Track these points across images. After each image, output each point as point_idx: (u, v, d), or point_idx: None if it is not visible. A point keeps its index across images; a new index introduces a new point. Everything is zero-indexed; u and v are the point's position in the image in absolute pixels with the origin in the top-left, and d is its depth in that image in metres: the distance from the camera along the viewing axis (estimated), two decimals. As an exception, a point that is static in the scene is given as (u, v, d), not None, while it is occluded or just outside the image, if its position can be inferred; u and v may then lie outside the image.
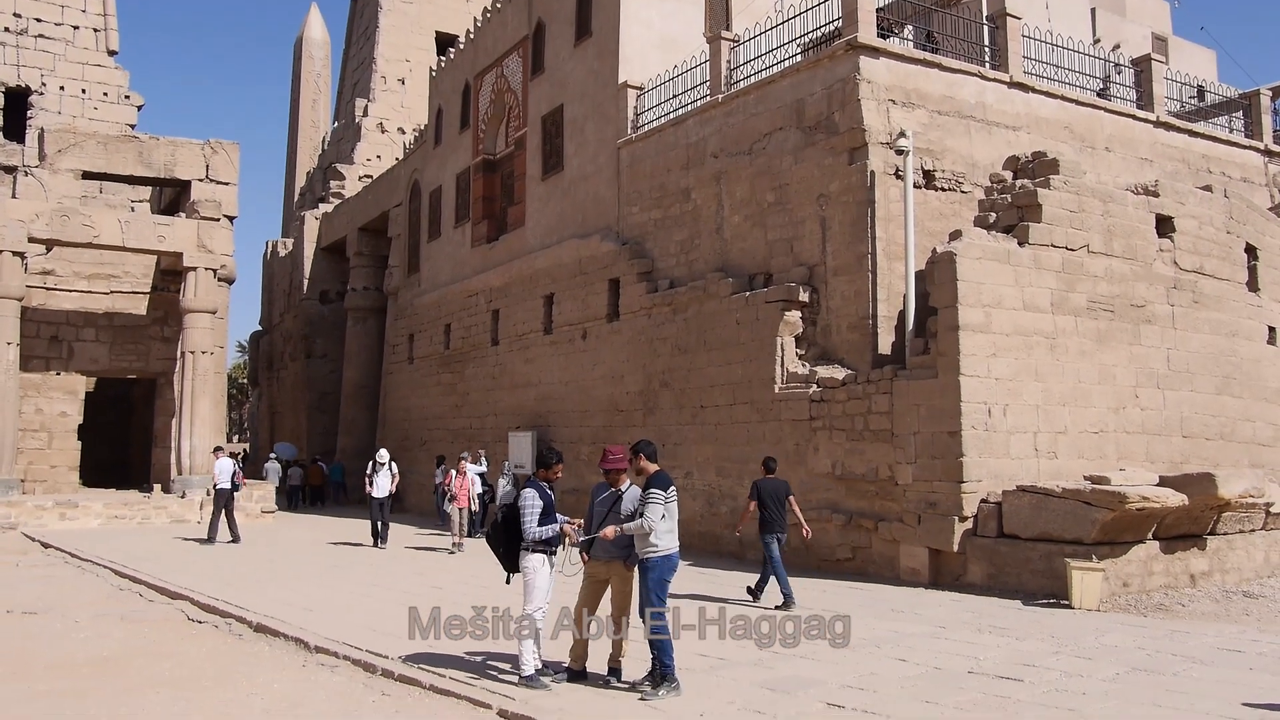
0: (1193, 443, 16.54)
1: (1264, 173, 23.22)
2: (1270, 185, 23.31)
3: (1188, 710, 7.50)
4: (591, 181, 23.58)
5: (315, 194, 46.32)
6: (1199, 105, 24.55)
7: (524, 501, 8.42)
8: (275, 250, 46.29)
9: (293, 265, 42.89)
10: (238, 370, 74.50)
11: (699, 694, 8.04)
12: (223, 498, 21.02)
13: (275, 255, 46.11)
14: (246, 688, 8.83)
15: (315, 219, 41.56)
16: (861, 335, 16.28)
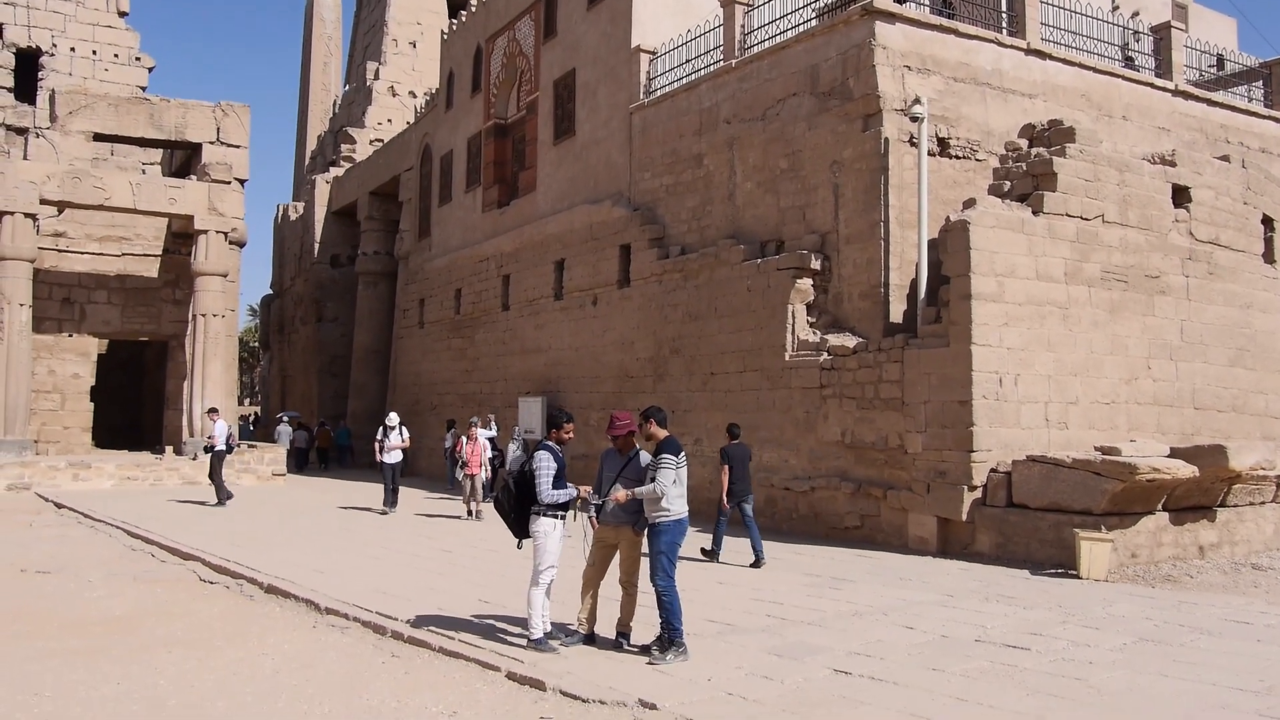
0: (1204, 415, 16.48)
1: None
2: (1288, 156, 23.04)
3: (1194, 681, 7.51)
4: (603, 146, 23.46)
5: (326, 157, 46.22)
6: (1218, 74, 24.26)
7: (538, 463, 8.42)
8: (286, 214, 46.25)
9: (303, 229, 42.87)
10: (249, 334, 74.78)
11: (707, 659, 8.08)
12: (220, 459, 21.01)
13: (286, 219, 46.08)
14: (257, 648, 8.90)
15: (326, 183, 41.48)
16: (873, 303, 16.22)
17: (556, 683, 7.40)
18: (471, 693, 7.41)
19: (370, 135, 42.17)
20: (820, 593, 11.27)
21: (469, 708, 7.03)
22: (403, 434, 20.68)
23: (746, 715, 6.64)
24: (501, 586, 11.40)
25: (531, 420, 23.72)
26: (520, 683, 7.60)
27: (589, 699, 7.06)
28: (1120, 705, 6.87)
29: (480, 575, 12.50)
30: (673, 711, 6.74)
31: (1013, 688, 7.33)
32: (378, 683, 7.70)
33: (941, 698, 7.04)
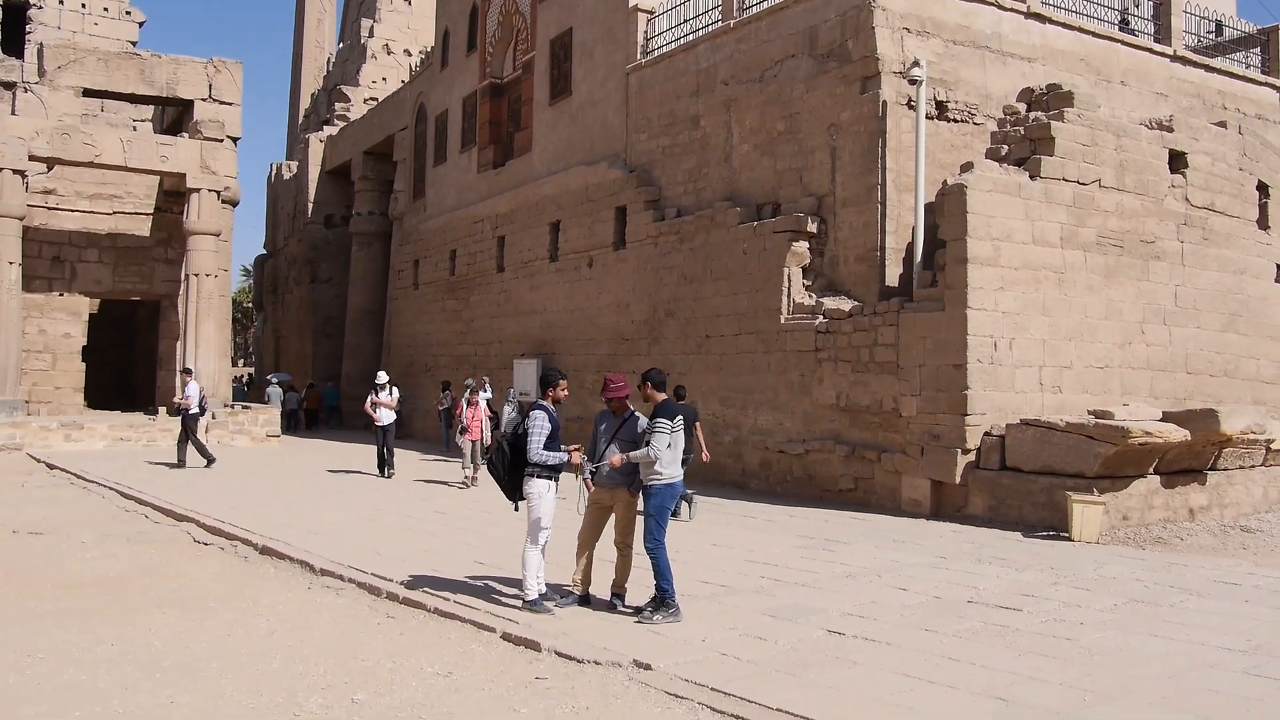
0: (1197, 379, 16.52)
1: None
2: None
3: (1183, 641, 7.58)
4: (600, 107, 23.30)
5: (320, 116, 45.87)
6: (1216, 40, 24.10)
7: (532, 422, 8.41)
8: (279, 173, 45.96)
9: (297, 188, 42.62)
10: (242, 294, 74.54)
11: (701, 620, 8.13)
12: (193, 421, 20.66)
13: (279, 178, 45.79)
14: (252, 609, 8.93)
15: (320, 141, 41.17)
16: (869, 267, 16.19)
17: (551, 643, 7.45)
18: (466, 653, 7.45)
19: (365, 94, 41.84)
20: (814, 554, 11.33)
21: (464, 668, 7.07)
22: (393, 393, 20.25)
23: (740, 675, 6.69)
24: (496, 548, 11.45)
25: (526, 382, 23.72)
26: (515, 643, 7.64)
27: (584, 659, 7.11)
28: (1110, 665, 6.93)
29: (475, 537, 12.55)
30: (667, 672, 6.79)
31: (1004, 648, 7.39)
32: (372, 644, 7.74)
33: (934, 658, 7.10)
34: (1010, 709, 6.01)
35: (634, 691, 6.52)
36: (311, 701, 6.33)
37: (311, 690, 6.56)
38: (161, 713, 6.10)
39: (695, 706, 6.18)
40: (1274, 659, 7.11)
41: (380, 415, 19.73)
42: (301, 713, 6.12)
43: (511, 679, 6.81)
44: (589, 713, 6.12)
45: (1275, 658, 7.14)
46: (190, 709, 6.18)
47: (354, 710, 6.17)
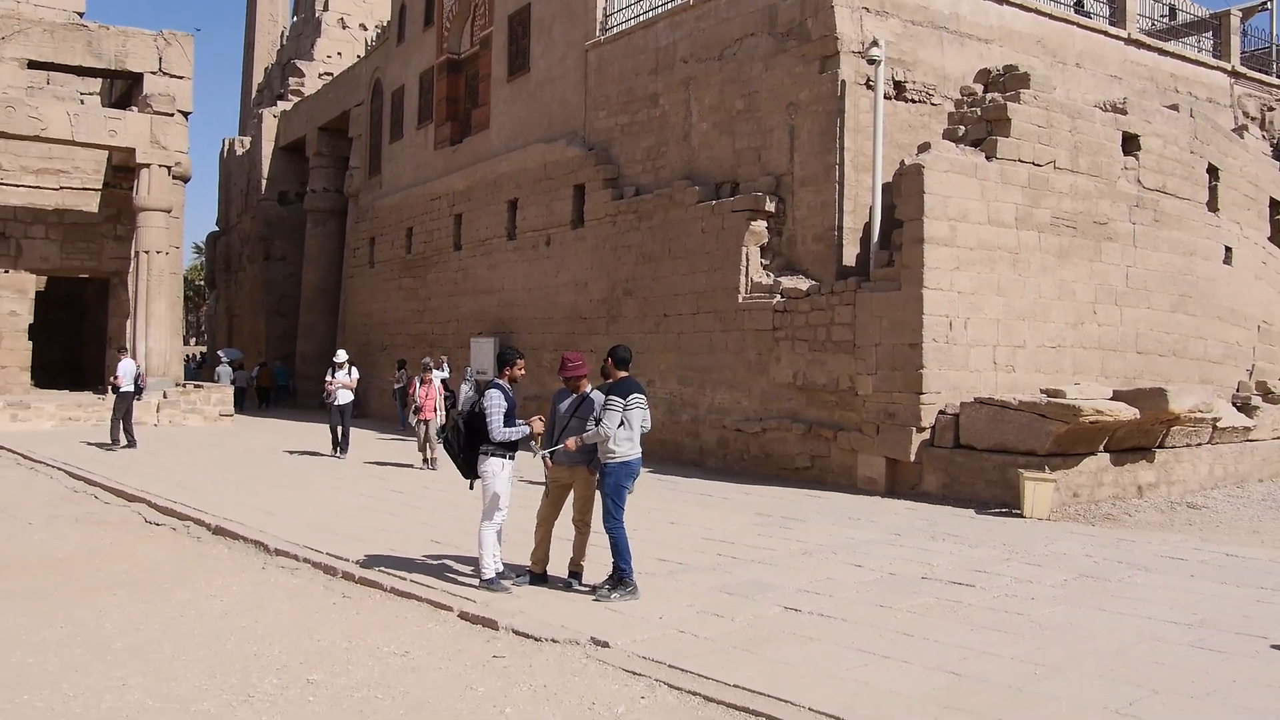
0: (1146, 359, 16.77)
1: (1230, 94, 23.22)
2: (1235, 106, 23.33)
3: (1131, 615, 7.72)
4: (558, 84, 23.15)
5: (274, 91, 45.23)
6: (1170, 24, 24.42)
7: (489, 402, 8.36)
8: (232, 149, 45.29)
9: (250, 165, 42.02)
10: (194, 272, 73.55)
11: (658, 597, 8.16)
12: (126, 400, 20.24)
13: (232, 154, 45.13)
14: (205, 589, 8.84)
15: (274, 117, 40.59)
16: (826, 246, 16.25)
17: (509, 622, 7.44)
18: (423, 632, 7.43)
19: (319, 69, 41.28)
20: (771, 532, 11.40)
21: (421, 647, 7.05)
22: (351, 373, 19.86)
23: (698, 652, 6.72)
24: (453, 527, 11.41)
25: (484, 361, 23.60)
26: (472, 622, 7.63)
27: (541, 638, 7.11)
28: (1060, 639, 7.04)
29: (431, 516, 12.50)
30: (625, 649, 6.81)
31: (957, 623, 7.49)
32: (328, 624, 7.69)
33: (888, 633, 7.18)
34: (963, 683, 6.10)
35: (592, 669, 6.54)
36: (266, 682, 6.28)
37: (266, 671, 6.51)
38: (113, 696, 6.03)
39: (653, 683, 6.21)
40: (1218, 632, 7.26)
41: (337, 395, 19.39)
42: (256, 694, 6.08)
43: (469, 658, 6.80)
44: (546, 690, 6.13)
45: (1219, 631, 7.29)
46: (142, 691, 6.11)
47: (310, 690, 6.14)
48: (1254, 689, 6.02)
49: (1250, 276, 19.07)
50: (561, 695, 6.05)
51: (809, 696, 5.80)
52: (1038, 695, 5.88)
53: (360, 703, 5.93)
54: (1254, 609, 7.95)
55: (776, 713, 5.62)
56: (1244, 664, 6.51)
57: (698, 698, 5.95)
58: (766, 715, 5.61)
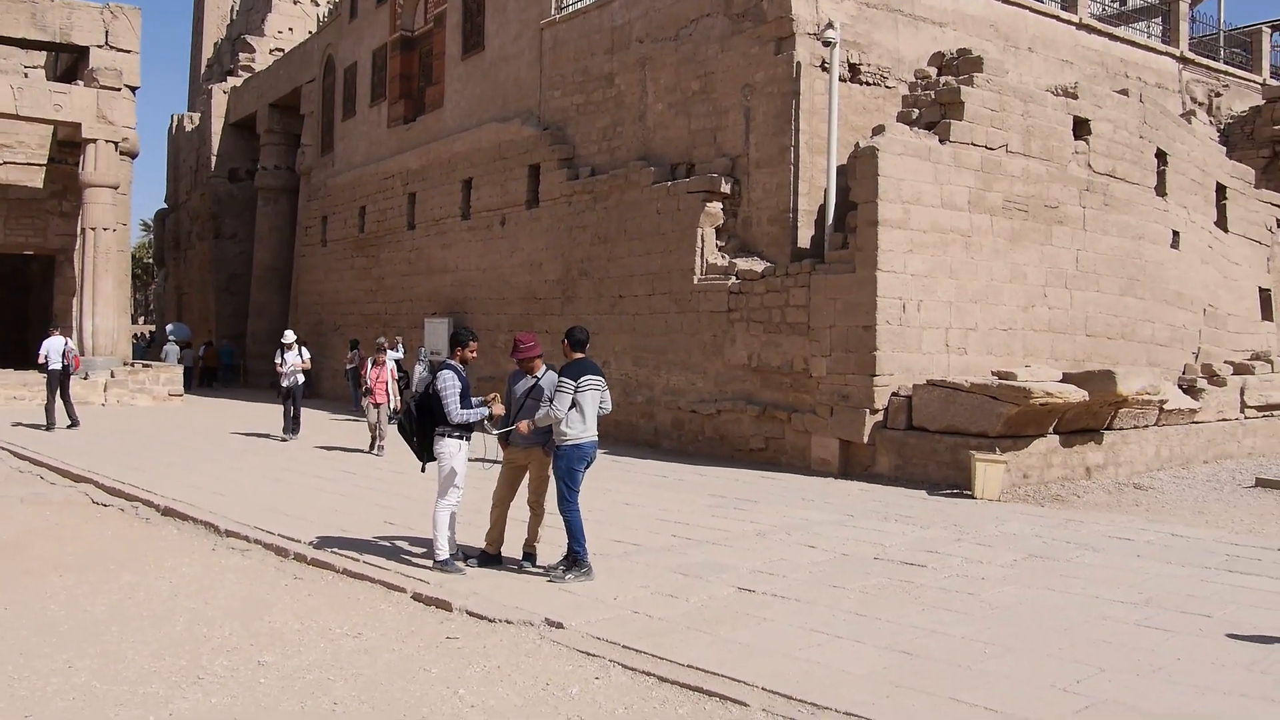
0: (1095, 341, 17.01)
1: (1178, 79, 23.54)
2: (1183, 92, 23.67)
3: (1079, 595, 7.84)
4: (513, 63, 22.96)
5: (223, 66, 44.43)
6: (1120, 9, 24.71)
7: (442, 384, 8.31)
8: (181, 125, 44.52)
9: (200, 141, 41.33)
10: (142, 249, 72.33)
11: (613, 578, 8.16)
12: (54, 379, 19.69)
13: (181, 130, 44.36)
14: (154, 571, 8.73)
15: (224, 93, 39.94)
16: (781, 228, 16.29)
17: (463, 603, 7.42)
18: (376, 614, 7.39)
19: (270, 44, 40.63)
20: (725, 513, 11.45)
21: (373, 629, 7.00)
22: (302, 354, 19.33)
23: (652, 632, 6.74)
24: (407, 509, 11.35)
25: (438, 342, 23.46)
26: (426, 603, 7.60)
27: (495, 619, 7.10)
28: (1009, 618, 7.14)
29: (385, 497, 12.41)
30: (579, 630, 6.81)
31: (909, 603, 7.57)
32: (280, 605, 7.63)
33: (841, 613, 7.24)
34: (914, 661, 6.16)
35: (546, 650, 6.53)
36: (217, 664, 6.22)
37: (217, 653, 6.44)
38: (59, 678, 5.94)
39: (607, 664, 6.22)
40: (1163, 611, 7.40)
41: (288, 377, 18.95)
42: (206, 675, 6.01)
43: (422, 639, 6.77)
44: (500, 672, 6.12)
45: (1164, 610, 7.43)
46: (89, 673, 6.02)
47: (260, 672, 6.08)
48: (1198, 666, 6.14)
49: (1197, 260, 19.38)
50: (515, 676, 6.04)
51: (762, 676, 5.84)
52: (987, 674, 5.96)
53: (312, 684, 5.88)
54: (1198, 588, 8.11)
55: (730, 692, 5.65)
56: (1188, 642, 6.64)
57: (652, 678, 5.97)
58: (720, 695, 5.64)
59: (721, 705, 5.55)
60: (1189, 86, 23.86)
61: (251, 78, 38.82)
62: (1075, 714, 5.30)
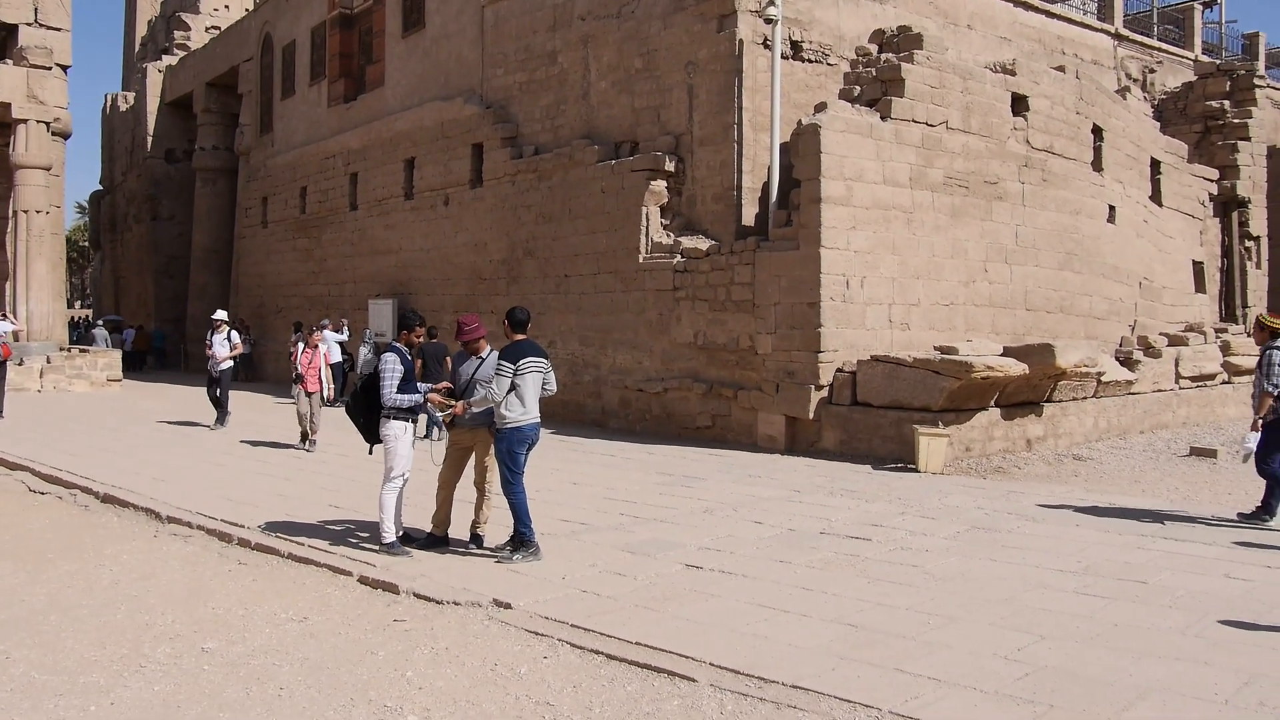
0: (1035, 315, 17.27)
1: (1113, 56, 23.89)
2: (1118, 68, 24.03)
3: (1020, 564, 7.99)
4: (454, 41, 22.72)
5: (158, 45, 43.48)
6: (1058, -14, 24.95)
7: (384, 366, 8.25)
8: (115, 104, 43.54)
9: (135, 121, 40.45)
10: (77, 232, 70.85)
11: (561, 558, 8.17)
12: None
13: (116, 110, 43.39)
14: (94, 559, 8.58)
15: (159, 72, 39.07)
16: (726, 206, 16.32)
17: (410, 585, 7.38)
18: (323, 598, 7.33)
19: (206, 22, 39.81)
20: (672, 491, 11.49)
21: (320, 613, 6.95)
22: (231, 337, 17.96)
23: (600, 611, 6.76)
24: (353, 491, 11.26)
25: (382, 323, 23.24)
26: (373, 587, 7.55)
27: (443, 600, 7.08)
28: (952, 589, 7.25)
29: (331, 480, 12.30)
30: (527, 610, 6.81)
31: (855, 576, 7.66)
32: (223, 591, 7.54)
33: (788, 588, 7.31)
34: (859, 634, 6.24)
35: (494, 630, 6.53)
36: (159, 652, 6.14)
37: (159, 640, 6.36)
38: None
39: (555, 643, 6.23)
40: (1101, 579, 7.56)
41: (215, 361, 17.58)
42: (149, 664, 5.93)
43: (369, 622, 6.73)
44: (448, 653, 6.10)
45: (1102, 577, 7.59)
46: (27, 664, 5.91)
47: (204, 659, 6.01)
48: (1135, 632, 6.28)
49: (1133, 234, 19.74)
50: (464, 657, 6.03)
51: (710, 652, 5.88)
52: (931, 644, 6.05)
53: (257, 670, 5.83)
54: (1134, 555, 8.30)
55: (677, 668, 5.69)
56: (1125, 608, 6.79)
57: (600, 656, 5.99)
58: (668, 671, 5.68)
59: (670, 681, 5.58)
60: (1124, 63, 24.23)
61: (188, 56, 38.04)
62: (1016, 681, 5.41)
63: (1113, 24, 23.98)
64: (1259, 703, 5.10)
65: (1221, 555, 8.29)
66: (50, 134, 26.25)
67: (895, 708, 5.06)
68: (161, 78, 38.94)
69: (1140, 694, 5.22)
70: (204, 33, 39.09)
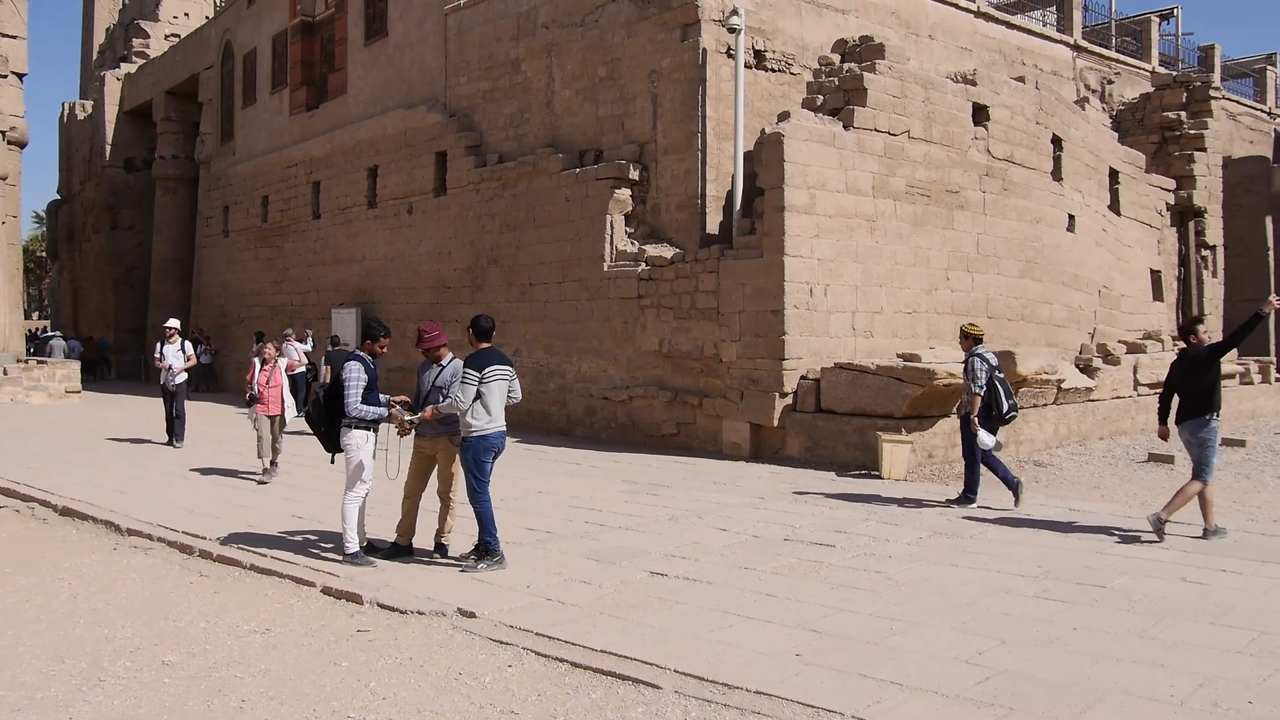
0: (996, 323, 17.44)
1: (1072, 67, 24.22)
2: (1077, 79, 24.36)
3: (981, 570, 8.06)
4: (417, 49, 22.67)
5: (117, 53, 43.07)
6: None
7: (347, 374, 8.20)
8: (73, 113, 43.06)
9: (93, 130, 40.01)
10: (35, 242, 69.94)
11: (526, 567, 8.16)
12: None
13: (73, 119, 42.91)
14: (52, 573, 8.47)
15: (117, 80, 38.72)
16: (690, 214, 16.38)
17: (374, 595, 7.34)
18: (285, 609, 7.27)
19: (166, 30, 39.54)
20: (638, 499, 11.50)
21: (283, 624, 6.90)
22: (185, 349, 16.79)
23: (565, 619, 6.75)
24: (316, 502, 11.17)
25: (346, 333, 23.09)
26: (336, 597, 7.50)
27: (407, 610, 7.04)
28: (915, 594, 7.31)
29: (293, 491, 12.20)
30: (492, 619, 6.79)
31: (818, 582, 7.70)
32: (185, 603, 7.46)
33: (752, 594, 7.33)
34: (822, 639, 6.28)
35: (458, 640, 6.51)
36: (119, 666, 6.06)
37: (119, 654, 6.28)
38: (-50, 686, 5.73)
39: (520, 652, 6.21)
40: (1060, 583, 7.64)
41: (167, 374, 16.49)
42: (108, 677, 5.86)
43: (332, 633, 6.69)
44: (412, 663, 6.08)
45: (1062, 582, 7.68)
46: (-17, 681, 5.83)
47: (165, 672, 5.95)
48: (1093, 635, 6.36)
49: (1092, 243, 19.99)
50: (428, 667, 6.01)
51: (674, 658, 5.89)
52: (893, 649, 6.09)
53: (219, 682, 5.77)
54: (1094, 560, 8.40)
55: (642, 675, 5.69)
56: (1084, 612, 6.87)
57: (565, 664, 5.98)
58: (632, 678, 5.68)
59: (634, 688, 5.59)
60: (1083, 74, 24.57)
61: (147, 64, 37.70)
62: (976, 685, 5.46)
63: (1072, 36, 24.31)
64: (1214, 704, 5.18)
65: (1179, 560, 8.41)
66: (6, 143, 25.93)
67: (858, 712, 5.10)
68: (120, 86, 38.59)
69: (1098, 696, 5.29)
70: (163, 40, 38.80)
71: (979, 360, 10.82)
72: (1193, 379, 9.39)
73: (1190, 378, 9.42)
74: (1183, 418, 9.40)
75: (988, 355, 10.95)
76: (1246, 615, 6.74)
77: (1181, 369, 9.59)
